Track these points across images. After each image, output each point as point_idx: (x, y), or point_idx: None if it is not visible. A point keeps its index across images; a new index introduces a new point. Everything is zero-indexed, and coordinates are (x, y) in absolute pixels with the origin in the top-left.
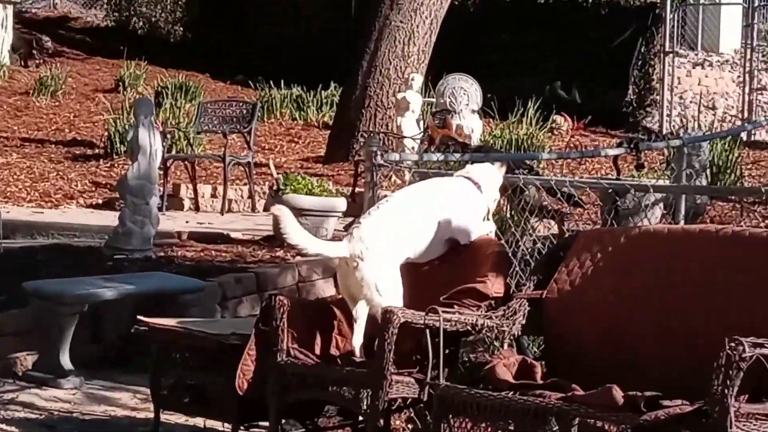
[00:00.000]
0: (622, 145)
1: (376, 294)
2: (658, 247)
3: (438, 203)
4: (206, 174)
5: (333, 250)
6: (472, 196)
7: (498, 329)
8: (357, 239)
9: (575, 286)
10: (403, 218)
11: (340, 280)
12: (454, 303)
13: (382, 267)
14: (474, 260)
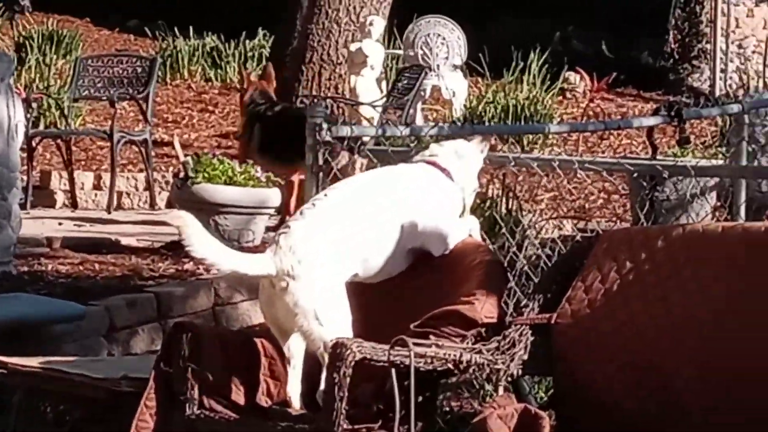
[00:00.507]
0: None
1: (315, 324)
2: (709, 253)
3: (396, 200)
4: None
5: (253, 265)
6: (441, 189)
7: (490, 367)
8: (286, 250)
9: (596, 306)
10: (348, 221)
11: (265, 306)
12: (429, 332)
13: (322, 286)
14: (456, 273)
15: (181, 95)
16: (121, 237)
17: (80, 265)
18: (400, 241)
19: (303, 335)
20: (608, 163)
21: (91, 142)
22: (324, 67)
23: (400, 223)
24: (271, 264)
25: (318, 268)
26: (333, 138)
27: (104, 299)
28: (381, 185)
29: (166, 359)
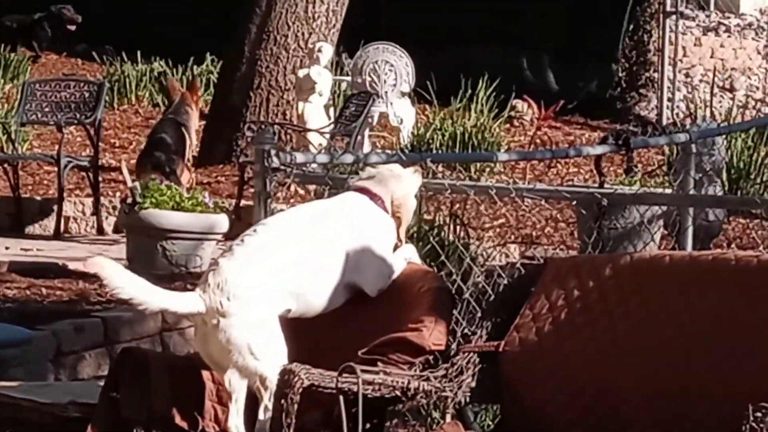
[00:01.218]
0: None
1: (250, 359)
2: (657, 281)
3: (328, 236)
4: (34, 182)
5: (182, 303)
6: (374, 221)
7: (438, 394)
8: (214, 287)
9: (544, 334)
10: (278, 256)
11: (199, 344)
12: (377, 359)
13: (253, 321)
14: (404, 300)
15: (129, 120)
16: (68, 262)
17: (27, 289)
18: (334, 277)
19: (238, 371)
20: (547, 190)
21: (38, 167)
22: (272, 93)
23: (334, 260)
24: (200, 302)
25: (248, 304)
26: (282, 164)
27: (51, 324)
28: (312, 221)
29: (113, 385)
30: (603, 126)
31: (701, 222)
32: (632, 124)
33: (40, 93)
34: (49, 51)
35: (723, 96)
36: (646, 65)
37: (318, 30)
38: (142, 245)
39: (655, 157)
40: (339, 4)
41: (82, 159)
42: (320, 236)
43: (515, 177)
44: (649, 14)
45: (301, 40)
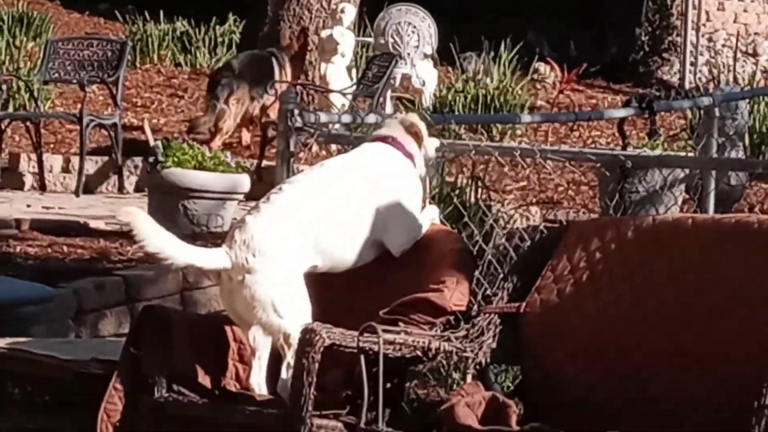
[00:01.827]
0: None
1: (274, 316)
2: (679, 243)
3: (356, 192)
4: (56, 140)
5: (208, 259)
6: (401, 174)
7: (459, 355)
8: (240, 244)
9: (565, 296)
10: (304, 214)
11: (225, 300)
12: (398, 319)
13: (278, 279)
14: (426, 260)
15: (151, 80)
16: (89, 220)
17: (49, 247)
18: (361, 232)
19: (262, 327)
20: (571, 152)
21: (61, 125)
22: None
23: (361, 215)
24: (226, 258)
25: (273, 260)
26: (305, 124)
27: (73, 282)
28: (339, 176)
29: (134, 342)
30: (625, 90)
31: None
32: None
33: (63, 51)
34: (72, 9)
35: (746, 61)
36: (669, 29)
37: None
38: (164, 204)
39: (678, 121)
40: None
41: (104, 118)
42: (346, 191)
43: (537, 139)
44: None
45: (323, 0)
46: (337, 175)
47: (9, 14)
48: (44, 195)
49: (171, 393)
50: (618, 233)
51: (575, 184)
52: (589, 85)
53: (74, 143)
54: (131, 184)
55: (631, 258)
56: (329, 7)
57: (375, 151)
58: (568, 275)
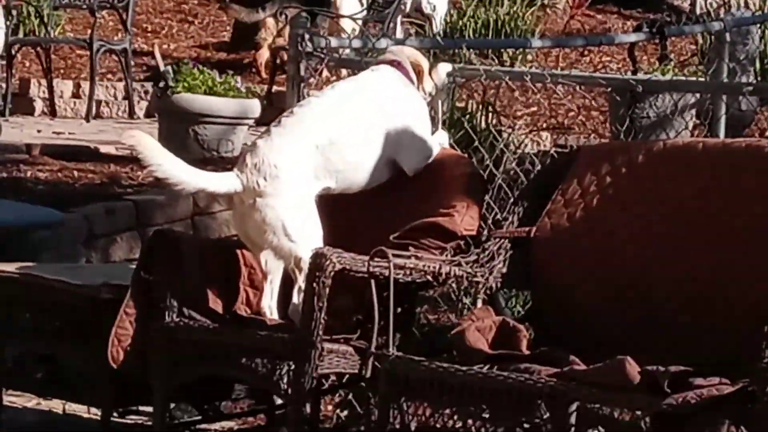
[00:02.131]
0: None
1: (284, 239)
2: (689, 168)
3: (366, 113)
4: (66, 65)
5: (219, 183)
6: (409, 94)
7: (469, 280)
8: (251, 167)
9: (575, 220)
10: (315, 136)
11: (236, 223)
12: (408, 244)
13: (290, 202)
14: (436, 185)
15: (161, 5)
16: (100, 145)
17: (59, 172)
18: (374, 153)
19: (273, 251)
20: (582, 76)
21: (71, 51)
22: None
23: (373, 135)
24: (237, 182)
25: (285, 184)
26: (315, 49)
27: (83, 207)
28: (348, 99)
29: (145, 267)
30: (636, 15)
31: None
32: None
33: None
34: None
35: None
36: None
37: None
38: (174, 129)
39: (689, 46)
40: None
41: (114, 43)
42: (356, 113)
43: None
44: None
45: None
46: (346, 97)
47: None
48: (54, 120)
49: (182, 317)
50: (628, 157)
51: (585, 110)
52: (600, 11)
53: (84, 69)
54: (141, 109)
55: (642, 182)
56: None
57: (382, 75)
58: (578, 199)
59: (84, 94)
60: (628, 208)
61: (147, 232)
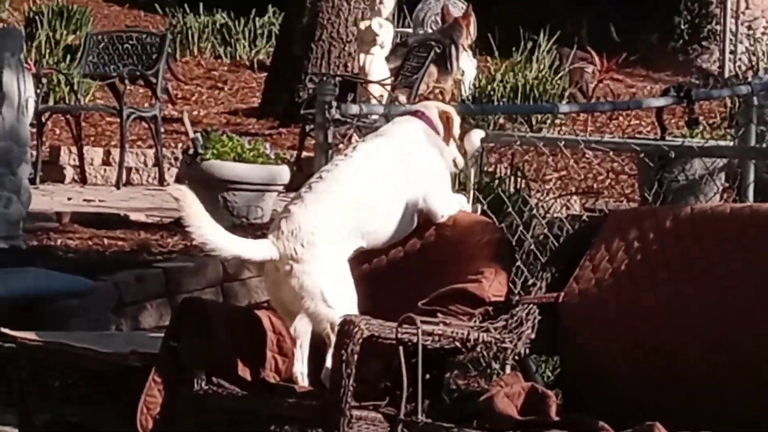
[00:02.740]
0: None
1: (322, 305)
2: (718, 233)
3: (393, 170)
4: (96, 133)
5: (256, 250)
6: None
7: (498, 346)
8: (288, 234)
9: (603, 286)
10: (346, 198)
11: (270, 289)
12: (437, 310)
13: (326, 268)
14: (464, 251)
15: (191, 72)
16: (130, 212)
17: (89, 240)
18: (402, 207)
19: (310, 317)
20: (615, 142)
21: (101, 118)
22: (333, 45)
23: (401, 192)
24: (273, 249)
25: (321, 249)
26: (343, 115)
27: (113, 274)
28: (374, 156)
29: (174, 335)
30: (665, 78)
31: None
32: (694, 76)
33: (103, 44)
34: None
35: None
36: (709, 17)
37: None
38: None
39: (717, 109)
40: None
41: (144, 110)
42: (383, 170)
43: (576, 129)
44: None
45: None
46: (371, 157)
47: (49, 8)
48: (85, 188)
49: (210, 385)
50: (656, 223)
51: (615, 173)
52: (629, 74)
53: (114, 136)
54: (171, 176)
55: (670, 247)
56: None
57: (404, 127)
58: (606, 265)
59: (114, 161)
60: (656, 273)
61: (176, 300)
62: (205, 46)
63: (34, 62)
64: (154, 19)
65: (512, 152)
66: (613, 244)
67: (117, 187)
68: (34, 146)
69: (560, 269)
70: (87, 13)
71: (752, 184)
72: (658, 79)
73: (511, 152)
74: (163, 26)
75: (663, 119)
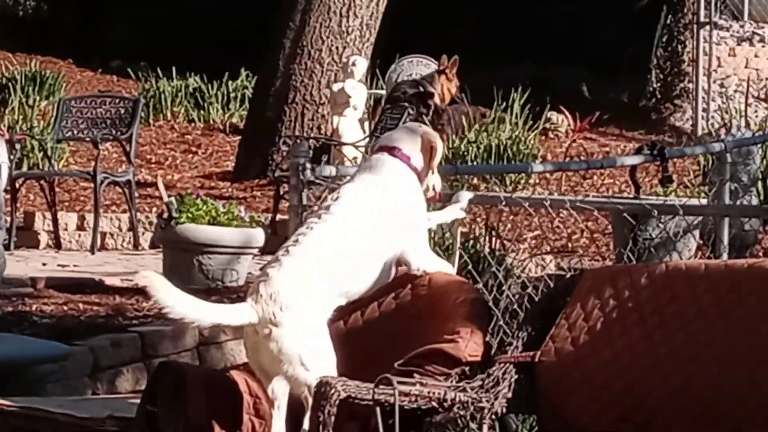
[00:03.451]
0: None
1: (300, 369)
2: (693, 289)
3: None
4: (70, 198)
5: (235, 316)
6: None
7: (475, 405)
8: (267, 298)
9: (579, 344)
10: (324, 259)
11: (250, 353)
12: (413, 370)
13: (305, 331)
14: (440, 311)
15: (164, 136)
16: (105, 277)
17: (64, 305)
18: (379, 260)
19: (288, 380)
20: (598, 202)
21: (75, 183)
22: (307, 108)
23: (377, 243)
24: (252, 313)
25: (300, 312)
26: (317, 177)
27: (89, 339)
28: (351, 211)
29: (150, 399)
30: (638, 137)
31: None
32: (667, 134)
33: (76, 110)
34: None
35: (758, 106)
36: (681, 76)
37: (352, 44)
38: (179, 260)
39: (691, 167)
40: (373, 18)
41: (118, 175)
42: (360, 224)
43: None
44: (682, 25)
45: (335, 54)
46: (347, 214)
47: (22, 73)
48: (59, 253)
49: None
50: (631, 280)
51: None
52: (602, 133)
53: (88, 201)
54: (146, 241)
55: (645, 305)
56: (341, 60)
57: (381, 171)
58: (582, 323)
59: (88, 226)
60: (631, 330)
61: (153, 364)
62: (179, 109)
63: (7, 128)
64: (127, 83)
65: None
66: (589, 302)
67: (92, 251)
68: (8, 212)
69: (536, 328)
70: (60, 78)
71: (726, 241)
72: (631, 137)
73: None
74: (136, 91)
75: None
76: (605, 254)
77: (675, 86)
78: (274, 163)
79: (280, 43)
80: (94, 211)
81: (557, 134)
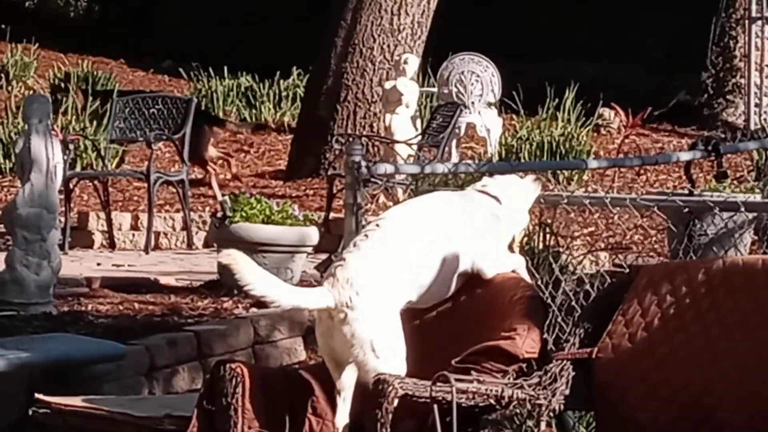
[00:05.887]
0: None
1: (371, 356)
2: (750, 285)
3: (447, 224)
4: (124, 198)
5: (312, 299)
6: (492, 214)
7: (532, 402)
8: (343, 282)
9: (636, 340)
10: (402, 248)
11: (322, 338)
12: (470, 368)
13: (379, 318)
14: (497, 308)
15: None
16: (159, 277)
17: (120, 304)
18: (450, 265)
19: (357, 366)
20: (659, 199)
21: (128, 183)
22: (359, 106)
23: (452, 248)
24: (329, 297)
25: (376, 298)
26: (371, 175)
27: (144, 338)
28: (432, 211)
29: (208, 397)
30: (691, 133)
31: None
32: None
33: (129, 110)
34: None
35: None
36: (733, 71)
37: (404, 42)
38: None
39: (744, 162)
40: (424, 15)
41: (171, 174)
42: (442, 227)
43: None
44: (734, 20)
45: (387, 52)
46: (429, 208)
47: (74, 74)
48: (114, 253)
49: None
50: (688, 276)
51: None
52: (655, 129)
53: (142, 200)
54: (200, 240)
55: (702, 301)
56: (392, 58)
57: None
58: (638, 319)
59: (142, 225)
60: (689, 326)
61: (208, 363)
62: (230, 109)
63: (60, 129)
64: (179, 83)
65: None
66: (646, 298)
67: (146, 251)
68: (63, 212)
69: (593, 325)
70: (112, 78)
71: None
72: (683, 133)
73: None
74: (188, 90)
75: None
76: (660, 251)
77: (727, 82)
78: (326, 161)
79: (331, 41)
80: (147, 211)
81: (609, 131)
